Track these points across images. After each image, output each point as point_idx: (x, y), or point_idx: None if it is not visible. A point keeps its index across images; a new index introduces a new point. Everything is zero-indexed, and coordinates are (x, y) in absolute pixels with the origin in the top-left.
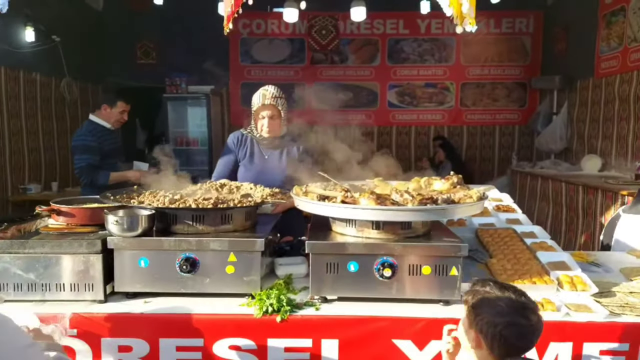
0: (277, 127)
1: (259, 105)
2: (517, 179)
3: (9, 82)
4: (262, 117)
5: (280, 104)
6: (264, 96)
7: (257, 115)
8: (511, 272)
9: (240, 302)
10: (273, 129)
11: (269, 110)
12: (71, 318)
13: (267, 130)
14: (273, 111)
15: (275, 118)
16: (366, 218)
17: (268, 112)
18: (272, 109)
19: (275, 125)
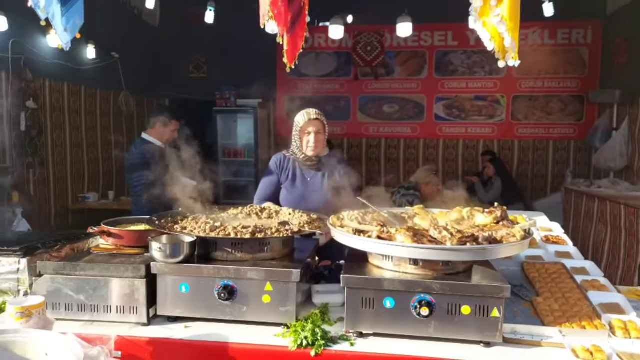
0: (321, 143)
1: (305, 122)
2: (572, 198)
3: (71, 97)
4: (307, 133)
5: (324, 120)
6: (309, 113)
7: (302, 132)
8: (559, 313)
9: (276, 331)
10: (318, 145)
11: (314, 126)
12: (116, 340)
13: (314, 146)
14: (319, 126)
15: (320, 133)
16: (402, 255)
17: (314, 127)
18: (317, 124)
19: (320, 141)
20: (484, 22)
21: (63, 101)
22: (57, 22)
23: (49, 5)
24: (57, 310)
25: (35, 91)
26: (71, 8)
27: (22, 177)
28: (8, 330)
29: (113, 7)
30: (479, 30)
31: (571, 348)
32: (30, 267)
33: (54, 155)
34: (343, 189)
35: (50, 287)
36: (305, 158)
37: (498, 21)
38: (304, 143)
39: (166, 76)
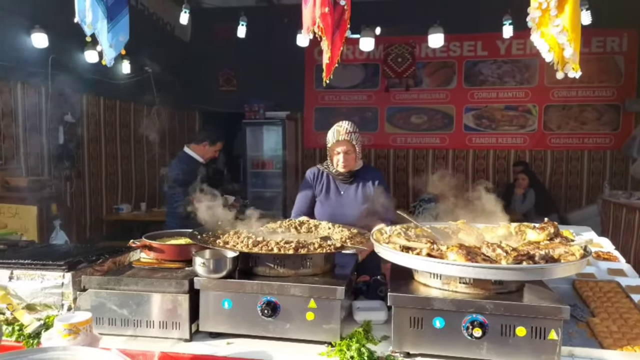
0: (352, 161)
1: (333, 142)
2: (610, 210)
3: (106, 111)
4: (337, 153)
5: (354, 139)
6: (338, 132)
7: (332, 151)
8: (618, 335)
9: (319, 349)
10: (348, 164)
11: (343, 146)
12: (159, 357)
13: (343, 165)
14: (347, 146)
15: (350, 153)
16: (454, 274)
17: (343, 147)
18: (346, 144)
19: (350, 160)
20: (542, 33)
21: (99, 115)
22: (103, 38)
23: (96, 22)
24: (101, 324)
25: (73, 105)
26: (117, 24)
27: (60, 189)
28: (56, 348)
29: (146, 23)
30: (537, 41)
31: None
32: (74, 281)
33: (90, 168)
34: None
35: (94, 301)
36: (337, 173)
37: (558, 31)
38: (334, 161)
39: (197, 89)
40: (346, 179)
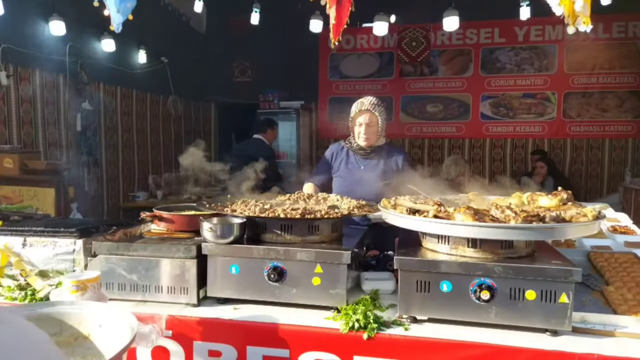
0: (374, 135)
1: (356, 112)
2: (632, 198)
3: (123, 100)
4: (359, 124)
5: (378, 112)
6: (362, 103)
7: (354, 123)
8: (633, 302)
9: (326, 315)
10: (370, 137)
11: (366, 116)
12: (167, 319)
13: (365, 137)
14: (371, 118)
15: (372, 125)
16: (462, 235)
17: (366, 118)
18: (369, 115)
19: (372, 132)
20: None
21: (116, 104)
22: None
23: None
24: (111, 290)
25: (90, 93)
26: None
27: (78, 174)
28: (64, 302)
29: (162, 14)
30: None
31: None
32: (85, 248)
33: (107, 155)
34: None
35: (105, 267)
36: (358, 147)
37: None
38: (355, 133)
39: (212, 80)
40: (367, 154)
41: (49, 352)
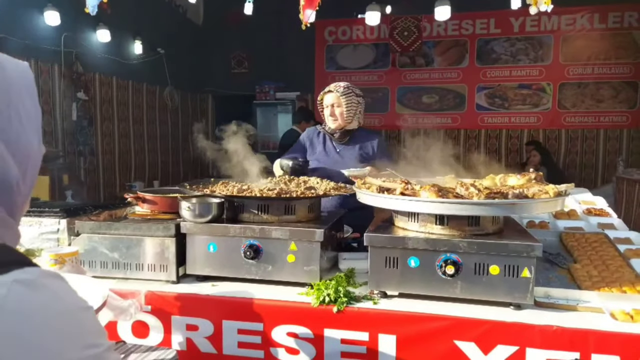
0: (341, 116)
1: (322, 95)
2: (624, 187)
3: (119, 90)
4: (326, 107)
5: (342, 93)
6: (328, 87)
7: (322, 107)
8: (597, 279)
9: (299, 291)
10: (337, 118)
11: (330, 98)
12: (146, 295)
13: (332, 119)
14: (335, 99)
15: (337, 106)
16: (427, 211)
17: (330, 99)
18: (334, 97)
19: (339, 114)
20: None
21: (112, 94)
22: None
23: None
24: (93, 267)
25: (86, 83)
26: None
27: (74, 164)
28: None
29: (159, 5)
30: None
31: (610, 312)
32: (69, 227)
33: (103, 145)
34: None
35: (87, 245)
36: (330, 131)
37: None
38: (325, 116)
39: (209, 72)
40: (342, 137)
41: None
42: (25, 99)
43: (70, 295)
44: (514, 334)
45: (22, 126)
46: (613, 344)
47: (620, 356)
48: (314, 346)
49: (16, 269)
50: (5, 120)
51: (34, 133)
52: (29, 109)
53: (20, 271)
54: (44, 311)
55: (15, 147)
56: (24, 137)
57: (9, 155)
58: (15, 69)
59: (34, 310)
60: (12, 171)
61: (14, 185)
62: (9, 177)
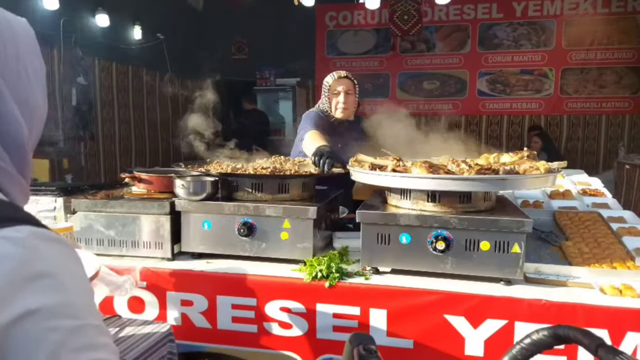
0: (352, 104)
1: (334, 80)
2: (624, 173)
3: (119, 76)
4: (337, 93)
5: (354, 79)
6: (339, 73)
7: (332, 92)
8: (588, 255)
9: (293, 267)
10: (349, 106)
11: (344, 85)
12: (141, 271)
13: (343, 107)
14: (348, 85)
15: (351, 94)
16: (416, 187)
17: (343, 86)
18: (347, 83)
19: (351, 102)
20: None
21: (111, 79)
22: None
23: None
24: (90, 245)
25: (85, 69)
26: None
27: (74, 149)
28: None
29: None
30: None
31: (599, 287)
32: (65, 206)
33: (104, 131)
34: None
35: (84, 223)
36: (336, 121)
37: None
38: (332, 104)
39: (209, 58)
40: (342, 128)
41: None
42: (32, 55)
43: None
44: (503, 308)
45: (30, 82)
46: (601, 317)
47: (608, 329)
48: (307, 320)
49: (9, 226)
50: (15, 75)
51: (41, 90)
52: (36, 65)
53: (12, 229)
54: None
55: (25, 104)
56: (32, 93)
57: (19, 113)
58: (19, 25)
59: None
60: (23, 129)
61: (25, 144)
62: (21, 136)
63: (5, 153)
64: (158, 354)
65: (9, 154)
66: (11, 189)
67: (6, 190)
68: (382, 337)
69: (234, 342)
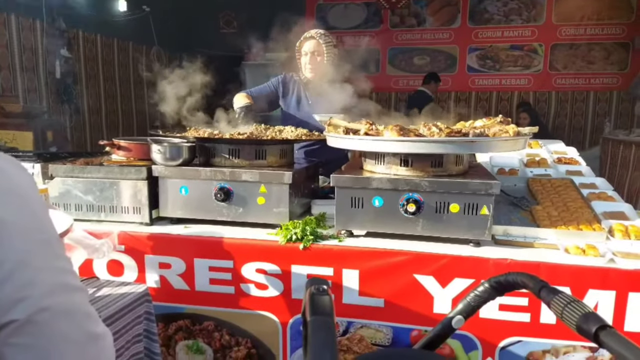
0: (319, 66)
1: (301, 40)
2: (609, 147)
3: (104, 49)
4: (304, 54)
5: (324, 41)
6: (308, 32)
7: (300, 53)
8: (556, 218)
9: (269, 231)
10: (315, 68)
11: (310, 45)
12: (119, 235)
13: (310, 67)
14: (316, 47)
15: (318, 55)
16: (388, 150)
17: (310, 46)
18: (314, 43)
19: (319, 64)
20: None
21: (96, 52)
22: None
23: None
24: (68, 210)
25: (69, 40)
26: None
27: (59, 122)
28: None
29: None
30: None
31: (564, 247)
32: (43, 172)
33: (89, 104)
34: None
35: (62, 188)
36: (306, 81)
37: None
38: (302, 63)
39: (197, 32)
40: (315, 88)
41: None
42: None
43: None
44: (470, 267)
45: None
46: (564, 275)
47: (570, 287)
48: (282, 281)
49: None
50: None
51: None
52: None
53: None
54: None
55: None
56: None
57: None
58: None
59: None
60: None
61: None
62: None
63: None
64: (134, 312)
65: None
66: None
67: None
68: (354, 297)
69: (212, 303)
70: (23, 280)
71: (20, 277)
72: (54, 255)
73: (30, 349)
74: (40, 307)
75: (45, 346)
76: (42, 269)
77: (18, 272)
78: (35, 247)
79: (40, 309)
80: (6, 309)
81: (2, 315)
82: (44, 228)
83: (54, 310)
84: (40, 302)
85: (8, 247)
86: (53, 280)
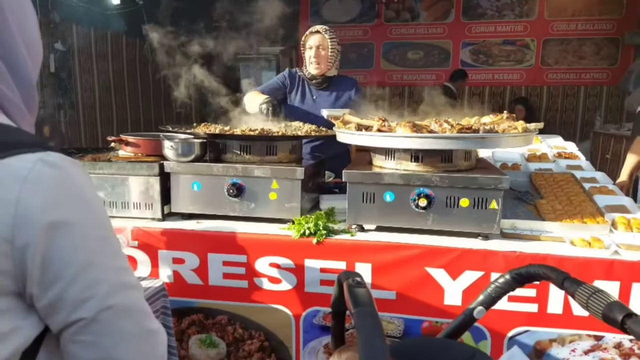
0: (324, 60)
1: (306, 35)
2: (600, 142)
3: (98, 42)
4: (309, 48)
5: (329, 36)
6: (314, 27)
7: (305, 47)
8: (560, 212)
9: (281, 226)
10: (321, 62)
11: (316, 39)
12: (132, 230)
13: (315, 62)
14: (321, 40)
15: (323, 49)
16: (400, 146)
17: (316, 40)
18: (320, 38)
19: (323, 57)
20: None
21: (90, 46)
22: None
23: None
24: None
25: (63, 33)
26: None
27: (54, 116)
28: None
29: None
30: None
31: (570, 240)
32: None
33: (84, 99)
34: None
35: None
36: (310, 76)
37: None
38: (306, 58)
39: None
40: (320, 84)
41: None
42: None
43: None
44: (480, 260)
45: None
46: (570, 267)
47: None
48: (295, 275)
49: (41, 151)
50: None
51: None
52: None
53: (44, 153)
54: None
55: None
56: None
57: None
58: None
59: (52, 185)
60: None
61: (33, 80)
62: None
63: (16, 89)
64: (152, 307)
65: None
66: (22, 123)
67: (18, 124)
68: None
69: (225, 298)
70: (89, 280)
71: (86, 277)
72: (114, 253)
73: (93, 346)
74: (105, 306)
75: (108, 343)
76: (105, 269)
77: (84, 272)
78: (98, 247)
79: (104, 307)
80: (73, 308)
81: (69, 313)
82: (104, 226)
83: (116, 309)
84: (105, 301)
85: (74, 248)
86: (115, 279)
